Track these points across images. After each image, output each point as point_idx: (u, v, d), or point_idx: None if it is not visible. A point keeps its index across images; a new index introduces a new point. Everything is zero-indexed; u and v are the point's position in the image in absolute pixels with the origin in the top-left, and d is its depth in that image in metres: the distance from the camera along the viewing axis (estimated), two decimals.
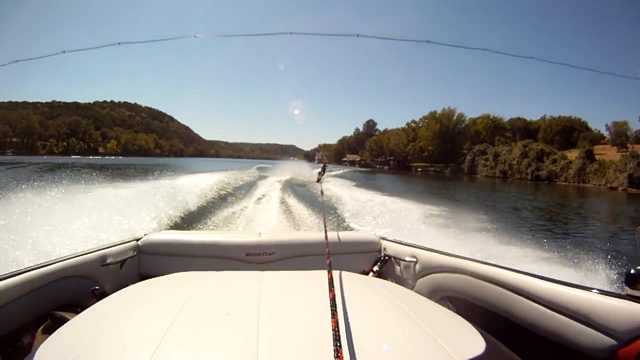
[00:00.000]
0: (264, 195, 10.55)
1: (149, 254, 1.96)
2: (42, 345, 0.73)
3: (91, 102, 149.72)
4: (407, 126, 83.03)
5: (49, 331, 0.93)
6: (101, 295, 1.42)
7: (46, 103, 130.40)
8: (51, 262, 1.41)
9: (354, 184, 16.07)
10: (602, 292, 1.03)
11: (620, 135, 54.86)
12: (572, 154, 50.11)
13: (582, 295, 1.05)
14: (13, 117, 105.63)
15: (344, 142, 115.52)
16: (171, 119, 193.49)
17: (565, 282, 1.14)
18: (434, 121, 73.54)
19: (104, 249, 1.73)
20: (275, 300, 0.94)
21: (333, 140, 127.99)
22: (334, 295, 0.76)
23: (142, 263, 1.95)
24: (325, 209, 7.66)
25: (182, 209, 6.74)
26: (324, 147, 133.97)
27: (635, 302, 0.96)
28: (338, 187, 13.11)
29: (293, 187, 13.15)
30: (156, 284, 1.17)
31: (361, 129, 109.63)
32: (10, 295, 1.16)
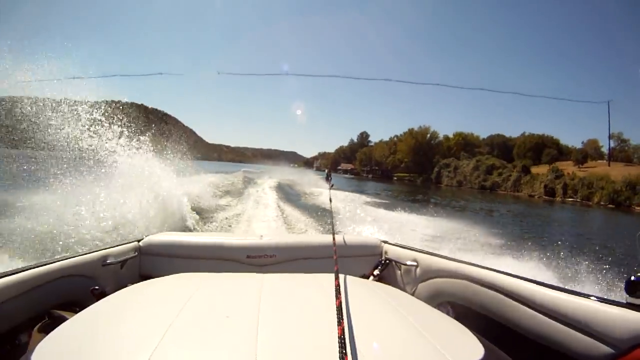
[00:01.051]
0: (259, 200, 11.24)
1: (150, 255, 1.93)
2: (39, 344, 0.72)
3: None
4: (390, 140, 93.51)
5: (46, 329, 0.93)
6: (101, 295, 1.40)
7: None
8: (52, 260, 1.40)
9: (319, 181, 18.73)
10: (602, 300, 1.03)
11: (582, 153, 61.03)
12: (516, 169, 58.24)
13: (582, 303, 1.05)
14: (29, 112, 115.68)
15: (340, 151, 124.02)
16: (176, 121, 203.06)
17: (566, 289, 1.15)
18: (410, 137, 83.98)
19: (105, 249, 1.71)
20: (275, 302, 0.93)
21: (332, 148, 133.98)
22: (341, 302, 0.75)
23: (143, 264, 1.92)
24: (313, 212, 8.70)
25: (181, 211, 6.79)
26: (322, 155, 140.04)
27: (635, 310, 0.94)
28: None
29: (292, 191, 14.45)
30: (156, 284, 1.17)
31: (355, 140, 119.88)
32: (10, 292, 1.15)
